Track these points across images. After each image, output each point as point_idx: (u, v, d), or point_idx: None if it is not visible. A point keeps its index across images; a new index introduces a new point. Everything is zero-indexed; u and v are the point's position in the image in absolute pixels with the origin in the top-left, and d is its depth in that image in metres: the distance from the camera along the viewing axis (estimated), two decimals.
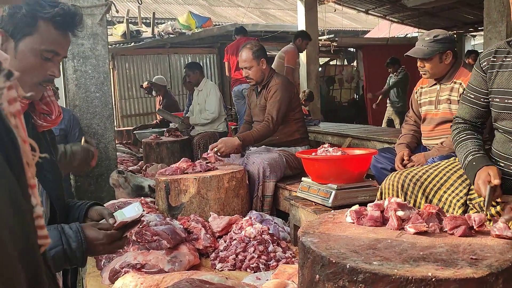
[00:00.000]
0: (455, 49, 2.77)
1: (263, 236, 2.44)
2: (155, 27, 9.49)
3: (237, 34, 6.51)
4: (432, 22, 10.09)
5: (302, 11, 8.15)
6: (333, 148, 2.65)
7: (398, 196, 2.11)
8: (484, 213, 1.86)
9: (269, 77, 3.50)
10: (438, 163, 2.24)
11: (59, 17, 1.32)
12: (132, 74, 10.25)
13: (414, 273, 1.06)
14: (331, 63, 12.91)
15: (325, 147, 2.66)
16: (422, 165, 2.41)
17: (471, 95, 2.06)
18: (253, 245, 2.37)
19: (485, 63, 1.97)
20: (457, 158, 2.09)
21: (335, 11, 10.94)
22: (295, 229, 2.60)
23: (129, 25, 9.02)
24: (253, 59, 3.43)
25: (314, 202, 2.57)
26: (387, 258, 1.16)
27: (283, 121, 3.42)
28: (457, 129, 2.11)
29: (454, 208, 1.99)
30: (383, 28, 12.10)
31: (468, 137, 2.02)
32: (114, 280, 2.09)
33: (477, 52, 8.23)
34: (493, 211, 1.85)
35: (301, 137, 3.55)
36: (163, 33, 9.15)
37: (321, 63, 11.81)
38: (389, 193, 2.17)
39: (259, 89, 3.57)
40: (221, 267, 2.33)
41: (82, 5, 3.58)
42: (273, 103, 3.36)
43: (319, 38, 8.74)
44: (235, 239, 2.46)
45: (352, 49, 12.46)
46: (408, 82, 7.65)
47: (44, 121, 1.44)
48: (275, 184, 3.20)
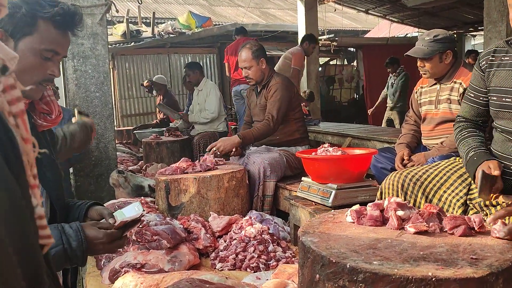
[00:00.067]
0: (455, 48, 2.77)
1: (263, 235, 2.44)
2: (155, 27, 9.49)
3: (237, 34, 6.51)
4: (432, 21, 10.09)
5: (302, 10, 8.15)
6: (333, 148, 2.65)
7: (398, 195, 2.11)
8: (482, 212, 1.86)
9: (269, 76, 3.49)
10: (438, 163, 2.24)
11: (58, 17, 1.32)
12: (132, 74, 10.25)
13: (414, 273, 1.06)
14: (331, 63, 12.91)
15: (325, 147, 2.66)
16: (422, 165, 2.41)
17: (471, 94, 2.09)
18: (253, 244, 2.37)
19: (483, 62, 1.99)
20: (460, 155, 2.10)
21: (335, 10, 10.94)
22: (295, 228, 2.60)
23: (129, 24, 9.03)
24: (253, 59, 3.43)
25: (314, 202, 2.57)
26: (387, 257, 1.16)
27: (283, 120, 3.42)
28: (459, 128, 2.13)
29: (454, 208, 1.99)
30: (383, 28, 12.10)
31: (469, 135, 2.03)
32: (114, 279, 2.09)
33: (477, 52, 8.23)
34: (493, 210, 1.85)
35: (301, 137, 3.55)
36: (163, 33, 9.15)
37: (321, 63, 11.82)
38: (389, 193, 2.17)
39: (259, 89, 3.57)
40: (221, 267, 2.33)
41: (82, 4, 3.58)
42: (274, 102, 3.36)
43: (319, 38, 8.74)
44: (235, 239, 2.46)
45: (352, 49, 12.46)
46: (408, 82, 7.65)
47: (44, 121, 1.44)
48: (275, 183, 3.20)
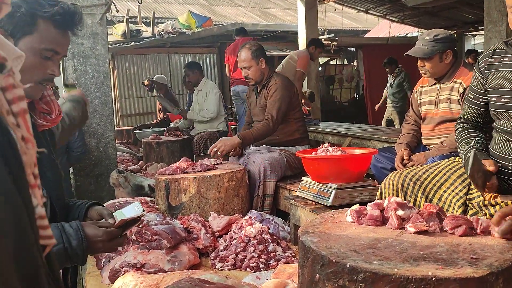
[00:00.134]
0: (455, 48, 2.77)
1: (263, 235, 2.44)
2: (155, 26, 9.49)
3: (237, 34, 6.51)
4: (432, 21, 10.09)
5: (302, 10, 8.15)
6: (333, 147, 2.65)
7: (398, 195, 2.11)
8: (481, 211, 1.87)
9: (269, 76, 3.49)
10: (438, 162, 2.24)
11: (58, 16, 1.32)
12: (132, 73, 10.25)
13: (414, 273, 1.06)
14: (331, 62, 12.91)
15: (325, 147, 2.66)
16: (422, 165, 2.41)
17: (471, 96, 2.11)
18: (253, 244, 2.37)
19: (482, 64, 2.01)
20: (459, 156, 2.11)
21: (335, 10, 10.93)
22: (295, 228, 2.60)
23: (129, 24, 9.03)
24: (252, 59, 3.43)
25: (314, 201, 2.57)
26: (387, 257, 1.16)
27: (283, 120, 3.42)
28: (459, 129, 2.15)
29: (454, 207, 1.99)
30: (383, 27, 12.09)
31: (469, 136, 2.05)
32: (114, 279, 2.09)
33: (477, 51, 8.24)
34: (492, 210, 1.85)
35: (301, 137, 3.55)
36: (163, 33, 9.15)
37: (321, 63, 11.82)
38: (389, 193, 2.17)
39: (259, 89, 3.57)
40: (221, 267, 2.33)
41: (82, 4, 3.58)
42: (273, 102, 3.36)
43: (319, 37, 8.73)
44: (235, 239, 2.46)
45: (352, 49, 12.46)
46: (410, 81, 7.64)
47: (44, 120, 1.43)
48: (275, 183, 3.20)
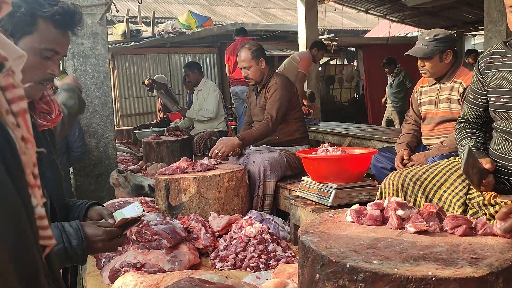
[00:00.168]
0: (455, 48, 2.77)
1: (263, 235, 2.44)
2: (155, 26, 9.49)
3: (237, 35, 6.52)
4: (432, 21, 10.09)
5: (302, 10, 8.14)
6: (333, 147, 2.65)
7: (398, 195, 2.11)
8: (481, 211, 1.87)
9: (269, 76, 3.49)
10: (438, 162, 2.24)
11: (58, 16, 1.32)
12: (132, 73, 10.25)
13: (414, 273, 1.06)
14: (331, 62, 12.91)
15: (325, 147, 2.66)
16: (422, 165, 2.41)
17: (471, 96, 2.11)
18: (253, 244, 2.37)
19: (482, 64, 2.02)
20: (459, 155, 2.11)
21: (335, 10, 10.92)
22: (295, 228, 2.60)
23: (129, 24, 9.03)
24: (252, 59, 3.43)
25: (314, 201, 2.57)
26: (387, 257, 1.16)
27: (283, 120, 3.42)
28: (459, 128, 2.15)
29: (454, 207, 1.99)
30: (383, 27, 12.09)
31: (468, 135, 2.06)
32: (114, 279, 2.09)
33: (477, 51, 8.24)
34: (492, 210, 1.85)
35: (301, 137, 3.55)
36: (163, 33, 9.15)
37: (321, 63, 11.81)
38: (389, 193, 2.17)
39: (259, 89, 3.57)
40: (221, 267, 2.33)
41: (82, 4, 3.58)
42: (273, 102, 3.36)
43: (319, 37, 8.73)
44: (235, 239, 2.46)
45: (352, 49, 12.46)
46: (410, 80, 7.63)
47: (44, 120, 1.43)
48: (275, 183, 3.20)
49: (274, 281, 1.83)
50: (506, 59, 1.92)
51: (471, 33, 11.88)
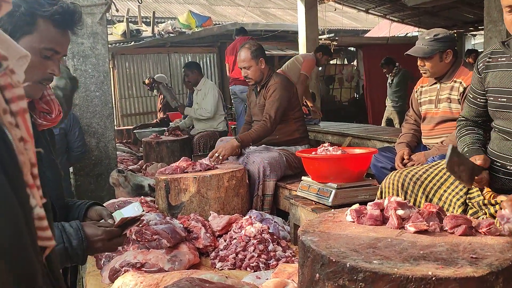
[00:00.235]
0: (455, 48, 2.77)
1: (263, 235, 2.44)
2: (155, 26, 9.49)
3: (237, 34, 6.51)
4: (432, 21, 10.08)
5: (302, 10, 8.14)
6: (333, 147, 2.65)
7: (398, 195, 2.11)
8: (480, 211, 1.88)
9: (268, 76, 3.49)
10: (438, 162, 2.24)
11: (58, 15, 1.31)
12: (132, 73, 10.25)
13: (414, 272, 1.06)
14: (331, 62, 12.89)
15: (325, 146, 2.65)
16: (422, 164, 2.41)
17: (471, 95, 2.13)
18: (253, 244, 2.37)
19: (481, 64, 2.02)
20: None
21: (335, 10, 10.91)
22: (295, 228, 2.60)
23: (129, 24, 9.02)
24: (252, 59, 3.43)
25: (314, 201, 2.57)
26: (387, 257, 1.16)
27: (283, 120, 3.42)
28: (459, 126, 2.17)
29: (454, 207, 1.99)
30: (383, 27, 12.09)
31: (467, 133, 2.08)
32: (114, 279, 2.09)
33: (477, 51, 8.23)
34: (492, 210, 1.85)
35: (301, 136, 3.55)
36: (163, 32, 9.14)
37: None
38: (389, 192, 2.17)
39: (259, 89, 3.57)
40: (221, 266, 2.33)
41: (81, 4, 3.58)
42: (272, 102, 3.36)
43: (319, 37, 8.72)
44: (235, 238, 2.46)
45: (352, 48, 12.46)
46: (407, 79, 7.62)
47: (44, 120, 1.43)
48: (275, 183, 3.20)
49: (274, 281, 1.83)
50: (504, 59, 1.93)
51: (471, 33, 11.88)
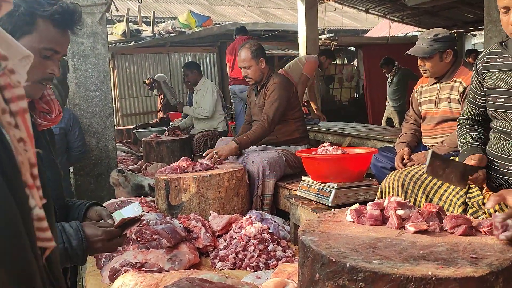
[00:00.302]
0: (455, 48, 2.78)
1: (263, 235, 2.44)
2: (155, 26, 9.49)
3: (238, 34, 6.51)
4: (432, 21, 10.08)
5: (302, 10, 8.13)
6: (333, 147, 2.65)
7: (398, 195, 2.11)
8: (480, 210, 1.88)
9: (268, 76, 3.49)
10: None
11: (57, 15, 1.31)
12: (132, 73, 10.25)
13: (414, 272, 1.06)
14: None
15: (325, 146, 2.65)
16: (422, 164, 2.41)
17: (470, 95, 2.14)
18: (253, 244, 2.37)
19: (479, 65, 2.03)
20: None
21: (335, 10, 10.91)
22: (295, 228, 2.60)
23: (129, 24, 9.02)
24: (252, 59, 3.43)
25: (314, 201, 2.57)
26: (387, 257, 1.16)
27: (282, 120, 3.42)
28: (460, 125, 2.19)
29: (454, 207, 1.99)
30: (383, 27, 12.09)
31: (467, 131, 2.08)
32: (114, 279, 2.09)
33: (477, 51, 8.22)
34: (492, 210, 1.85)
35: (301, 136, 3.55)
36: (163, 32, 9.14)
37: None
38: (389, 192, 2.17)
39: (259, 88, 3.57)
40: (221, 266, 2.33)
41: (81, 3, 3.58)
42: (270, 102, 3.36)
43: (319, 37, 8.71)
44: (235, 238, 2.46)
45: (352, 48, 12.45)
46: (407, 78, 7.60)
47: (44, 120, 1.43)
48: (274, 183, 3.20)
49: (274, 281, 1.83)
50: (502, 60, 1.93)
51: (471, 33, 11.87)
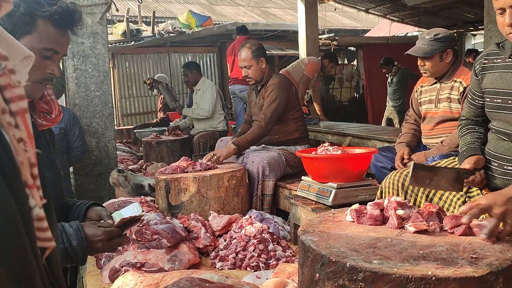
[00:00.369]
0: (455, 48, 2.78)
1: (263, 235, 2.44)
2: (155, 26, 9.48)
3: (238, 33, 6.51)
4: (432, 21, 10.08)
5: (302, 10, 8.13)
6: (333, 147, 2.65)
7: (398, 195, 2.11)
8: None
9: (268, 76, 3.49)
10: (438, 162, 2.24)
11: (57, 15, 1.31)
12: (132, 73, 10.25)
13: (414, 272, 1.06)
14: None
15: (325, 146, 2.65)
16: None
17: (470, 96, 2.15)
18: (253, 244, 2.37)
19: (477, 66, 2.04)
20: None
21: (335, 10, 10.90)
22: (295, 228, 2.60)
23: (129, 24, 9.02)
24: (252, 58, 3.43)
25: (314, 201, 2.57)
26: (387, 257, 1.16)
27: (282, 120, 3.42)
28: (460, 125, 2.20)
29: (454, 206, 1.99)
30: (383, 27, 12.09)
31: (468, 132, 2.09)
32: (114, 278, 2.09)
33: (477, 51, 8.22)
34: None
35: (301, 136, 3.55)
36: (163, 32, 9.14)
37: None
38: (389, 192, 2.17)
39: (259, 88, 3.57)
40: (221, 266, 2.33)
41: (82, 3, 3.58)
42: (268, 102, 3.36)
43: (319, 37, 8.71)
44: (235, 238, 2.46)
45: (352, 48, 12.45)
46: (408, 77, 7.60)
47: (44, 120, 1.43)
48: (274, 183, 3.20)
49: (274, 281, 1.83)
50: (499, 61, 1.94)
51: (471, 33, 11.87)
